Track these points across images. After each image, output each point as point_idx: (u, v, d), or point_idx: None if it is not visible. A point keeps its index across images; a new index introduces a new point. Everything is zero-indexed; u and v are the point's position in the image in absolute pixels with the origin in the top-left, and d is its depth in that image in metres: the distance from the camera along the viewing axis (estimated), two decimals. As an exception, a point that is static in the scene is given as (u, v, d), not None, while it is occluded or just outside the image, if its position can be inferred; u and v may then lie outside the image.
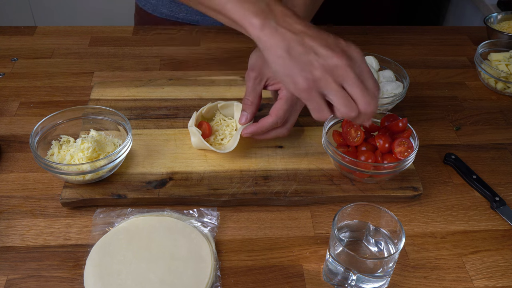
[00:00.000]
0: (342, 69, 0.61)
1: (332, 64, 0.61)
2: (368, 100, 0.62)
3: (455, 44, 1.17)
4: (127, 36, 1.12)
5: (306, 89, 0.62)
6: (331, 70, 0.61)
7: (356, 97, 0.62)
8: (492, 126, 0.92)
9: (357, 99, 0.62)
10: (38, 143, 0.75)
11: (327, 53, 0.61)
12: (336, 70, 0.61)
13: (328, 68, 0.61)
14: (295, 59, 0.62)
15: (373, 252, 0.65)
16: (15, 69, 1.01)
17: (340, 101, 0.62)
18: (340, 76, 0.61)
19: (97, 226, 0.70)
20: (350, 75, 0.61)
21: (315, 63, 0.61)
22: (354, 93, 0.62)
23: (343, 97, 0.62)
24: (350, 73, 0.61)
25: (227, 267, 0.66)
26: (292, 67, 0.62)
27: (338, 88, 0.62)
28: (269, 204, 0.75)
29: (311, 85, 0.62)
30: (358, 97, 0.62)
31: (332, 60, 0.61)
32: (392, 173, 0.73)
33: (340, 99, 0.62)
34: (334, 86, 0.61)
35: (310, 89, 0.62)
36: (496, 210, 0.76)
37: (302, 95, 0.63)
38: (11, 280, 0.63)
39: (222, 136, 0.82)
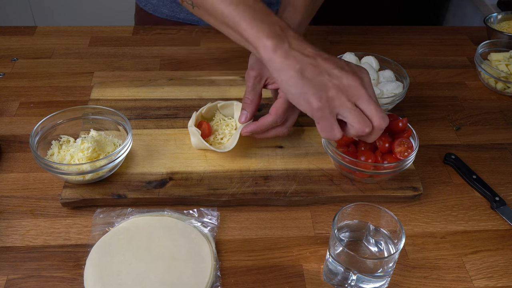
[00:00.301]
0: (355, 88, 0.64)
1: (346, 84, 0.63)
2: (382, 115, 0.65)
3: (455, 44, 1.17)
4: (127, 36, 1.12)
5: (320, 108, 0.64)
6: (345, 90, 0.63)
7: (371, 114, 0.65)
8: (492, 126, 0.92)
9: (372, 116, 0.65)
10: (38, 143, 0.75)
11: (340, 73, 0.64)
12: (350, 89, 0.63)
13: (342, 87, 0.63)
14: (309, 79, 0.64)
15: (373, 252, 0.65)
16: (15, 69, 1.01)
17: (355, 118, 0.64)
18: (354, 96, 0.64)
19: (97, 226, 0.70)
20: (363, 93, 0.64)
21: (329, 83, 0.63)
22: (369, 110, 0.64)
23: (358, 114, 0.64)
24: (363, 91, 0.64)
25: (227, 267, 0.66)
26: (306, 87, 0.64)
27: (352, 106, 0.64)
28: (269, 204, 0.75)
29: (325, 105, 0.64)
30: (372, 113, 0.64)
31: (346, 80, 0.63)
32: (392, 173, 0.73)
33: (355, 117, 0.64)
34: (348, 104, 0.64)
35: (324, 108, 0.64)
36: (496, 210, 0.76)
37: (316, 114, 0.65)
38: (11, 280, 0.63)
39: (222, 135, 0.82)
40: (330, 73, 0.64)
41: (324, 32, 1.18)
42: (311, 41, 0.68)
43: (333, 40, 1.15)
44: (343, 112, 0.64)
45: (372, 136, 0.67)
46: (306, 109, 0.65)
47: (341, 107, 0.64)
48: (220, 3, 0.70)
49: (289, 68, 0.65)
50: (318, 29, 1.17)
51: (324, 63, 0.65)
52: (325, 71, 0.64)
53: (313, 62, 0.64)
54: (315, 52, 0.66)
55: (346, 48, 1.04)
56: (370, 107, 0.64)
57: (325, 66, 0.64)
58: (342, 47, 1.12)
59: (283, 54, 0.65)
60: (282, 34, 0.66)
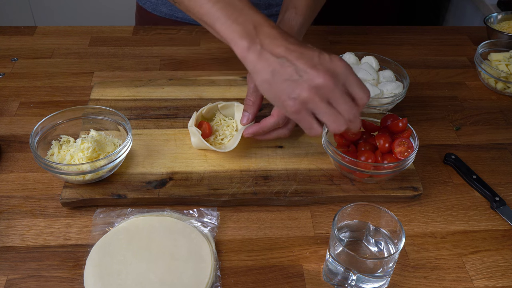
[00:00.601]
0: (326, 89, 0.62)
1: (317, 85, 0.61)
2: (354, 113, 0.64)
3: (455, 44, 1.17)
4: (127, 36, 1.12)
5: (296, 111, 0.64)
6: (317, 90, 0.62)
7: (343, 113, 0.64)
8: (492, 126, 0.92)
9: (344, 115, 0.64)
10: (38, 143, 0.75)
11: (312, 73, 0.61)
12: (321, 90, 0.62)
13: (314, 88, 0.62)
14: (281, 83, 0.63)
15: (373, 252, 0.65)
16: (15, 69, 1.01)
17: (329, 119, 0.64)
18: (326, 95, 0.62)
19: (97, 226, 0.70)
20: (335, 92, 0.62)
21: (301, 85, 0.62)
22: (341, 110, 0.64)
23: (331, 115, 0.64)
24: (335, 90, 0.62)
25: (227, 267, 0.66)
26: (279, 91, 0.63)
27: (325, 107, 0.63)
28: (269, 204, 0.75)
29: (300, 107, 0.64)
30: (345, 113, 0.64)
31: (317, 80, 0.61)
32: (392, 173, 0.73)
33: (329, 117, 0.64)
34: (321, 105, 0.63)
35: (300, 111, 0.64)
36: (496, 210, 0.76)
37: (293, 116, 0.65)
38: (11, 280, 0.63)
39: (222, 136, 0.82)
40: (302, 74, 0.62)
41: (324, 32, 1.18)
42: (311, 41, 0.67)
43: (333, 40, 1.15)
44: (317, 113, 0.64)
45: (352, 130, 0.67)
46: (284, 112, 0.66)
47: (315, 109, 0.64)
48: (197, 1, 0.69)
49: (262, 71, 0.64)
50: (318, 29, 1.17)
51: (297, 62, 0.62)
52: (297, 72, 0.62)
53: (284, 63, 0.63)
54: (287, 51, 0.63)
55: (346, 48, 1.04)
56: (343, 107, 0.63)
57: (297, 66, 0.62)
58: (342, 47, 1.12)
59: (255, 55, 0.64)
60: (255, 33, 0.65)
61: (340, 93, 0.63)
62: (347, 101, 0.63)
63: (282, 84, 0.63)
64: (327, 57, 0.63)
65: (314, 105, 0.63)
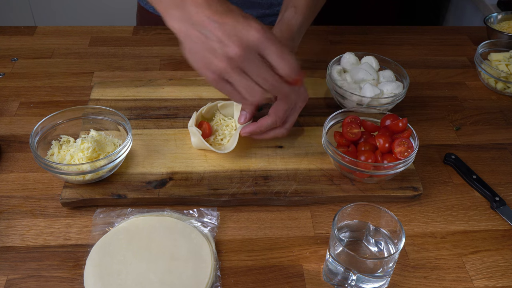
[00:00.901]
0: (238, 59, 0.62)
1: (229, 56, 0.61)
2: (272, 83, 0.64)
3: (455, 44, 1.17)
4: (127, 36, 1.12)
5: (215, 80, 0.64)
6: (229, 61, 0.62)
7: (260, 83, 0.64)
8: (492, 126, 0.92)
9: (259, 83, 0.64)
10: (38, 143, 0.75)
11: (225, 43, 0.61)
12: (234, 61, 0.62)
13: (227, 59, 0.62)
14: (201, 53, 0.63)
15: (373, 252, 0.65)
16: (15, 69, 1.01)
17: (242, 90, 0.64)
18: (239, 66, 0.62)
19: (97, 226, 0.70)
20: (246, 64, 0.62)
21: (217, 56, 0.62)
22: (257, 80, 0.64)
23: (244, 86, 0.64)
24: (247, 61, 0.62)
25: (227, 267, 0.66)
26: (200, 61, 0.64)
27: (238, 78, 0.63)
28: (269, 204, 0.75)
29: (218, 77, 0.64)
30: (261, 83, 0.64)
31: (229, 50, 0.61)
32: (392, 173, 0.73)
33: (242, 88, 0.64)
34: (234, 76, 0.63)
35: (218, 81, 0.64)
36: (496, 210, 0.76)
37: (215, 85, 0.66)
38: (11, 280, 0.63)
39: (222, 136, 0.82)
40: (219, 45, 0.61)
41: (324, 32, 1.17)
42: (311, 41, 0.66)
43: (333, 40, 1.15)
44: (233, 83, 0.64)
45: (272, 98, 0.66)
46: (208, 81, 0.66)
47: (230, 79, 0.64)
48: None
49: (186, 41, 0.64)
50: (318, 29, 1.17)
51: (215, 32, 0.61)
52: (215, 43, 0.62)
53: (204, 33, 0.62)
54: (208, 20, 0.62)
55: (346, 48, 1.04)
56: (258, 77, 0.63)
57: (215, 37, 0.61)
58: (342, 47, 1.12)
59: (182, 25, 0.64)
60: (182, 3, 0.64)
61: (253, 63, 0.62)
62: (263, 71, 0.63)
63: (200, 53, 0.63)
64: (242, 26, 0.62)
65: (229, 76, 0.63)
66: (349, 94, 0.85)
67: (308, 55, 1.06)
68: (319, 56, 1.06)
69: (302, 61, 0.91)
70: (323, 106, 0.92)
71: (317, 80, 0.98)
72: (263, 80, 0.64)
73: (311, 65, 1.04)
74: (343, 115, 0.81)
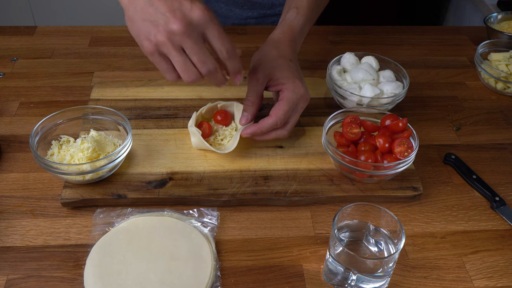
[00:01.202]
0: (179, 36, 0.62)
1: (171, 30, 0.62)
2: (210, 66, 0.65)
3: (455, 44, 1.17)
4: (127, 36, 1.12)
5: (151, 52, 0.64)
6: (170, 36, 0.62)
7: (196, 64, 0.65)
8: (492, 126, 0.92)
9: (196, 65, 0.65)
10: (38, 143, 0.75)
11: (168, 17, 0.62)
12: (175, 36, 0.62)
13: (168, 33, 0.62)
14: (141, 22, 0.63)
15: (373, 252, 0.65)
16: (15, 69, 1.01)
17: (179, 67, 0.65)
18: (179, 42, 0.63)
19: (97, 226, 0.70)
20: (187, 41, 0.62)
21: (157, 27, 0.62)
22: (194, 60, 0.64)
23: (182, 64, 0.64)
24: (187, 39, 0.62)
25: (227, 267, 0.66)
26: (139, 29, 0.64)
27: (176, 54, 0.64)
28: (269, 204, 0.75)
29: (154, 49, 0.64)
30: (198, 64, 0.65)
31: (171, 26, 0.62)
32: (392, 173, 0.73)
33: (180, 66, 0.65)
34: (173, 52, 0.63)
35: (154, 53, 0.64)
36: (496, 210, 0.76)
37: (149, 57, 0.66)
38: (11, 280, 0.63)
39: (222, 136, 0.82)
40: (160, 17, 0.62)
41: (324, 32, 1.17)
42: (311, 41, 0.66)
43: (333, 40, 1.15)
44: (171, 58, 0.65)
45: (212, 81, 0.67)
46: (143, 52, 0.66)
47: (168, 54, 0.64)
48: None
49: (127, 8, 0.64)
50: (318, 29, 1.17)
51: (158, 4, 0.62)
52: (156, 14, 0.62)
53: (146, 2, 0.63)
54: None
55: (346, 48, 1.04)
56: (196, 57, 0.64)
57: (157, 8, 0.62)
58: (342, 47, 1.12)
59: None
60: None
61: (194, 42, 0.63)
62: (202, 52, 0.64)
63: (142, 23, 0.63)
64: (188, 4, 0.62)
65: (167, 50, 0.63)
66: (349, 94, 0.85)
67: (308, 55, 1.06)
68: (319, 56, 1.06)
69: (302, 61, 0.92)
70: (323, 106, 0.92)
71: (317, 80, 0.98)
72: (201, 62, 0.64)
73: (311, 65, 1.04)
74: (343, 115, 0.81)
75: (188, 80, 0.66)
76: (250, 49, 0.84)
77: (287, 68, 0.78)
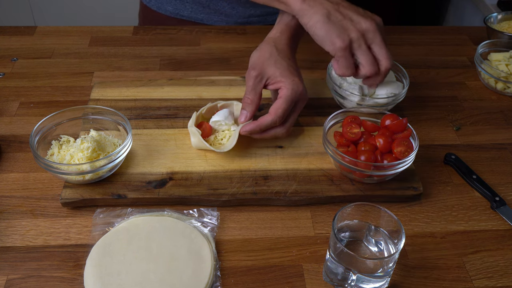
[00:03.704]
0: (372, 32, 0.75)
1: (364, 28, 0.74)
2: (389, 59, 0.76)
3: (455, 44, 1.17)
4: (127, 36, 1.12)
5: (343, 48, 0.74)
6: (363, 33, 0.74)
7: (381, 56, 0.76)
8: (492, 126, 0.92)
9: (382, 58, 0.76)
10: (38, 143, 0.75)
11: (360, 19, 0.75)
12: (368, 33, 0.75)
13: (361, 31, 0.74)
14: (334, 23, 0.74)
15: (373, 252, 0.65)
16: (15, 69, 1.01)
17: (368, 60, 0.75)
18: (370, 39, 0.75)
19: (97, 226, 0.70)
20: (378, 36, 0.75)
21: (351, 27, 0.74)
22: (380, 53, 0.76)
23: (371, 58, 0.75)
24: (378, 35, 0.75)
25: (227, 267, 0.66)
26: (331, 30, 0.74)
27: (367, 49, 0.75)
28: (269, 204, 0.75)
29: (347, 45, 0.74)
30: (382, 56, 0.76)
31: (365, 24, 0.74)
32: (392, 173, 0.73)
33: (369, 59, 0.75)
34: (364, 47, 0.75)
35: (346, 48, 0.74)
36: (496, 210, 0.76)
37: (338, 53, 0.75)
38: (11, 280, 0.63)
39: (222, 136, 0.82)
40: (352, 18, 0.75)
41: (324, 32, 1.17)
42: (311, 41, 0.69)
43: (333, 40, 1.15)
44: (359, 53, 0.75)
45: (378, 77, 0.78)
46: (330, 49, 0.75)
47: (358, 48, 0.75)
48: None
49: (317, 13, 0.75)
50: (318, 29, 1.17)
51: (346, 10, 0.76)
52: (348, 16, 0.75)
53: (337, 8, 0.75)
54: (338, 1, 0.77)
55: (346, 48, 1.04)
56: (382, 51, 0.75)
57: (347, 12, 0.75)
58: (342, 47, 1.12)
59: (311, 2, 0.76)
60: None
61: (382, 40, 0.75)
62: (385, 47, 0.76)
63: (333, 25, 0.74)
64: (369, 12, 0.78)
65: (359, 46, 0.74)
66: (349, 94, 0.85)
67: (307, 55, 1.05)
68: (319, 56, 1.06)
69: (302, 61, 0.92)
70: (323, 106, 0.92)
71: (317, 80, 0.98)
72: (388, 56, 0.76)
73: (311, 65, 1.04)
74: (343, 115, 0.81)
75: (370, 73, 0.76)
76: (250, 49, 0.84)
77: (285, 66, 0.78)
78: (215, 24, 1.18)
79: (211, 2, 1.14)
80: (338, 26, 0.74)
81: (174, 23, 1.18)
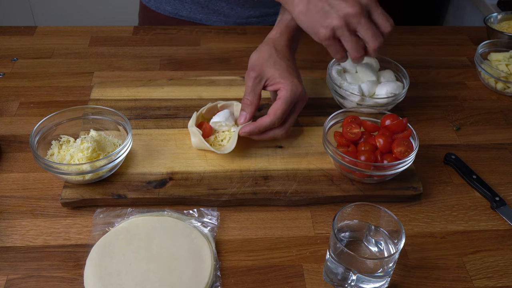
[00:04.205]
0: (354, 17, 0.72)
1: (346, 13, 0.71)
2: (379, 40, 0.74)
3: (455, 44, 1.17)
4: (127, 36, 1.12)
5: (326, 37, 0.73)
6: (345, 19, 0.72)
7: (367, 40, 0.73)
8: (492, 126, 0.92)
9: (369, 41, 0.73)
10: (38, 143, 0.75)
11: (341, 4, 0.72)
12: (350, 18, 0.72)
13: (343, 16, 0.72)
14: (314, 13, 0.73)
15: (373, 252, 0.65)
16: (15, 69, 1.01)
17: (351, 46, 0.74)
18: (353, 24, 0.72)
19: (97, 226, 0.70)
20: (361, 21, 0.72)
21: (332, 15, 0.72)
22: (366, 36, 0.73)
23: (354, 42, 0.73)
24: (361, 19, 0.72)
25: (227, 267, 0.66)
26: (313, 20, 0.74)
27: (350, 35, 0.73)
28: (269, 204, 0.75)
29: (331, 34, 0.73)
30: (369, 39, 0.73)
31: (346, 9, 0.71)
32: (392, 173, 0.73)
33: (351, 45, 0.74)
34: (347, 34, 0.73)
35: (330, 37, 0.73)
36: (496, 210, 0.76)
37: (324, 42, 0.75)
38: (11, 280, 0.63)
39: (222, 137, 0.82)
40: (333, 5, 0.72)
41: (324, 32, 1.17)
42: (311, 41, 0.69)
43: (333, 40, 1.15)
44: (344, 41, 0.74)
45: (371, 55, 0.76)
46: (316, 39, 0.75)
47: (342, 35, 0.73)
48: None
49: (299, 4, 0.75)
50: (318, 29, 1.17)
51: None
52: (328, 4, 0.72)
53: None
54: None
55: (346, 48, 1.04)
56: (367, 33, 0.73)
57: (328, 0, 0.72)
58: (342, 47, 1.12)
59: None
60: None
61: (367, 21, 0.72)
62: (372, 28, 0.73)
63: (315, 14, 0.73)
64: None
65: (342, 33, 0.73)
66: (349, 94, 0.85)
67: (307, 55, 1.05)
68: (319, 56, 1.06)
69: (302, 61, 0.92)
70: (323, 106, 0.92)
71: (317, 80, 0.98)
72: (375, 36, 0.73)
73: (311, 65, 1.04)
74: (343, 115, 0.81)
75: (357, 56, 0.75)
76: (250, 49, 0.84)
77: (285, 67, 0.78)
78: (214, 25, 1.18)
79: (210, 3, 1.14)
80: (319, 15, 0.73)
81: (174, 23, 1.18)
